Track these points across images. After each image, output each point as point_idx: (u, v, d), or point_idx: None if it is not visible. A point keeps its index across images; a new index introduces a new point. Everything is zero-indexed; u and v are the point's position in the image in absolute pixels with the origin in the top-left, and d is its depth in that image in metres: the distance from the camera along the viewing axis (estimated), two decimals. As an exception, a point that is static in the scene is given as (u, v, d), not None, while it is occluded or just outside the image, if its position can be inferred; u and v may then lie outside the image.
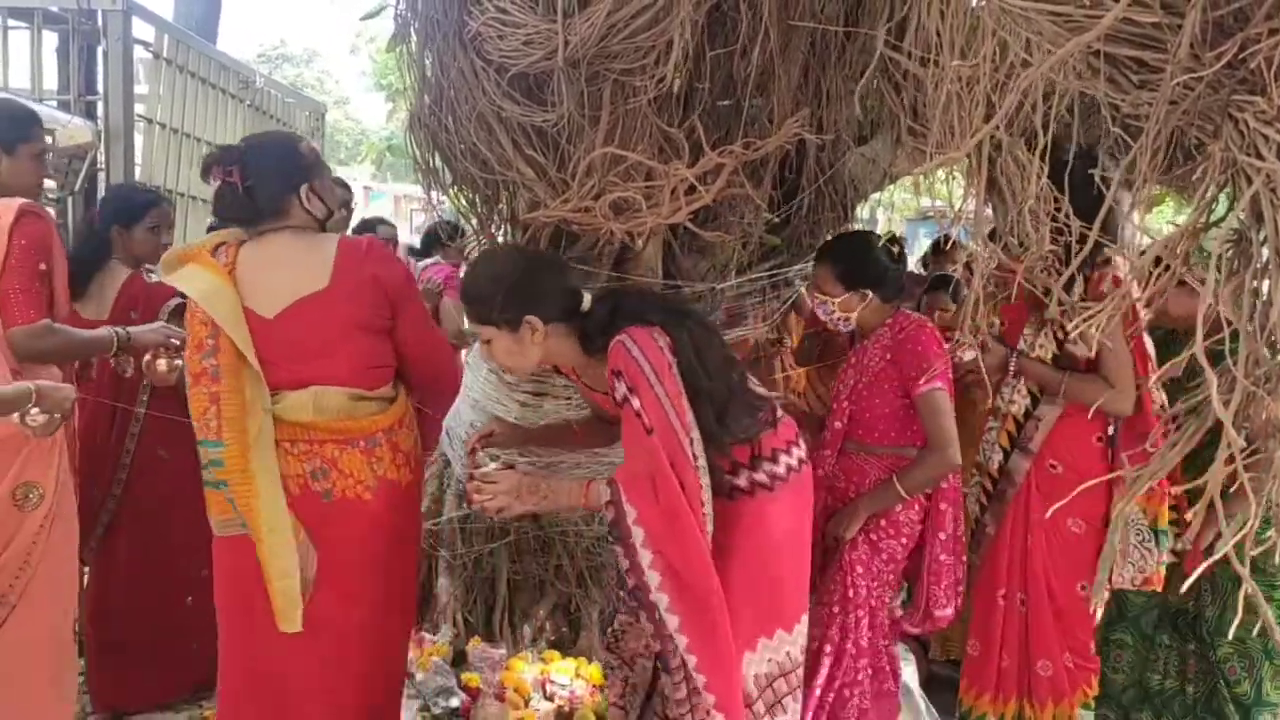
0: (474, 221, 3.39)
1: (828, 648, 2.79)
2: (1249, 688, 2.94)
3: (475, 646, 3.45)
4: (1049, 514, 2.68)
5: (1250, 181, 1.08)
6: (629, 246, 3.00)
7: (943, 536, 2.81)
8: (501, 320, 2.22)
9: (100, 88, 4.66)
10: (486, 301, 2.24)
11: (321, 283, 2.36)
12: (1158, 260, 1.29)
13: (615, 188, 2.78)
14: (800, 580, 2.39)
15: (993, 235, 2.43)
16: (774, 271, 3.86)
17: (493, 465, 2.23)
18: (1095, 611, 2.92)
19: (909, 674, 3.37)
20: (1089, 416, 2.65)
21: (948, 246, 5.31)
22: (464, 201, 3.35)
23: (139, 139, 5.04)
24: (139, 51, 4.84)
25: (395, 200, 21.89)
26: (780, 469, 2.30)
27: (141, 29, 4.78)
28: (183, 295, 2.45)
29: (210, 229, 2.89)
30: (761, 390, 2.37)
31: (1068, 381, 2.81)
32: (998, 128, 1.49)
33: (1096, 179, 1.80)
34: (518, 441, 2.69)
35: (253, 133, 2.69)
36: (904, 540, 2.80)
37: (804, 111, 3.12)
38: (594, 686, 3.53)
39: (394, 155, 19.33)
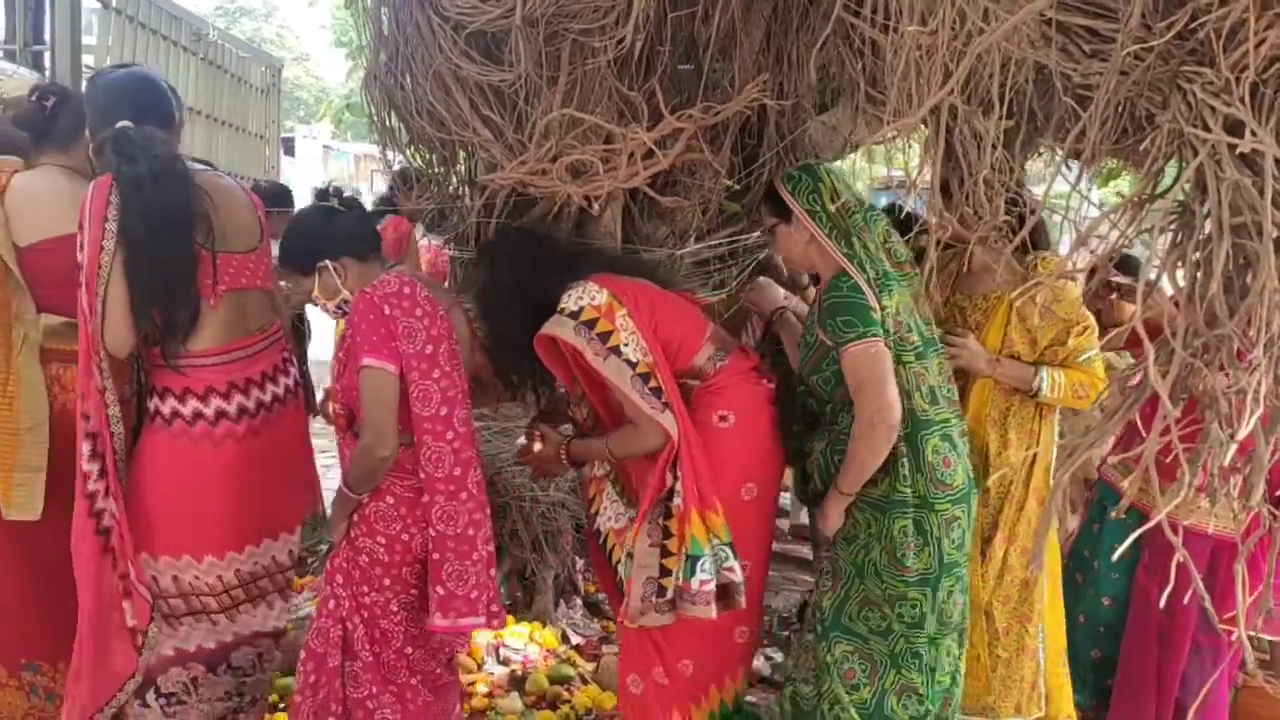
0: (429, 182, 3.35)
1: (305, 655, 2.52)
2: (868, 695, 2.42)
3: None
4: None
5: (1196, 153, 1.09)
6: (588, 210, 2.98)
7: (433, 532, 2.38)
8: None
9: (47, 37, 4.54)
10: None
11: (74, 227, 2.49)
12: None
13: (573, 150, 2.74)
14: (177, 522, 2.48)
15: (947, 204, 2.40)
16: (733, 238, 3.85)
17: None
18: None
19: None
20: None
21: (902, 215, 5.25)
22: (420, 162, 3.31)
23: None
24: (88, 1, 4.71)
25: (355, 160, 21.54)
26: (186, 410, 2.46)
27: (90, -23, 4.66)
28: None
29: None
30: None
31: (610, 445, 2.51)
32: (952, 94, 1.48)
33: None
34: None
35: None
36: (382, 539, 2.43)
37: (764, 77, 3.10)
38: (548, 651, 3.54)
39: (353, 114, 19.00)
